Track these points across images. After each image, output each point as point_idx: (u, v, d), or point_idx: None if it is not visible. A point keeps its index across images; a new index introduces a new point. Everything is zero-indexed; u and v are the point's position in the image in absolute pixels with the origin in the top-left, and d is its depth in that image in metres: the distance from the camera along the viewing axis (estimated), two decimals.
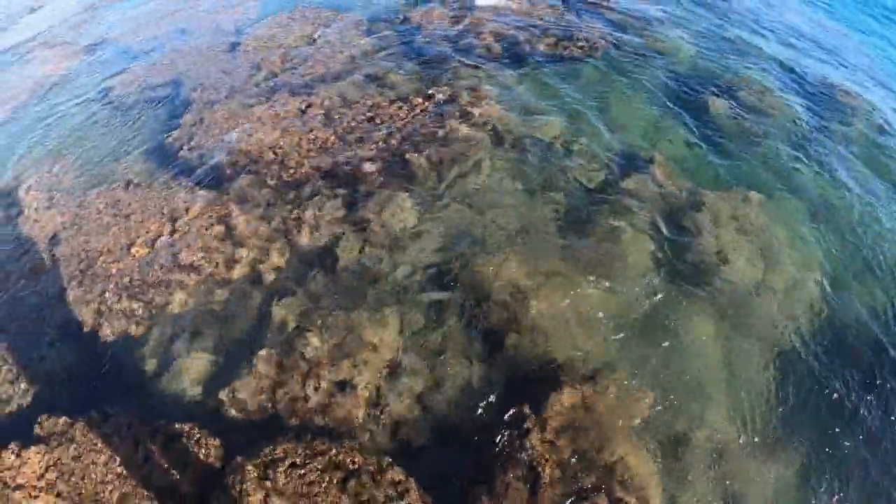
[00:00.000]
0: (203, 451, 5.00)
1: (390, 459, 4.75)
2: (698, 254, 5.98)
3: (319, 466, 4.75)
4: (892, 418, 5.03)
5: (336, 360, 5.27)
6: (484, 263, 5.74)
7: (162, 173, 7.42)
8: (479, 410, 4.93)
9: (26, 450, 5.34)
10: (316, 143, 7.25)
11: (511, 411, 4.91)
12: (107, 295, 6.11)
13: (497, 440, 4.76)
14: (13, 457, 5.31)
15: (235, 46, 10.01)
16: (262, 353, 5.40)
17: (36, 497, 5.04)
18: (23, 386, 5.84)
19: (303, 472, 4.74)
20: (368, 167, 6.79)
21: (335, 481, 4.67)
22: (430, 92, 7.84)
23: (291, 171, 6.96)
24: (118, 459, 5.08)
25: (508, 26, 9.49)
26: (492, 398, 4.97)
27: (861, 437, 4.94)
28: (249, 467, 4.77)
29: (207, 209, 6.69)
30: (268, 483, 4.69)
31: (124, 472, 5.01)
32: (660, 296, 5.58)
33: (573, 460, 4.67)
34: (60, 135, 8.70)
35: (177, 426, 5.13)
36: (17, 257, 7.00)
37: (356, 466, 4.73)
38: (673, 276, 5.74)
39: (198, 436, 5.07)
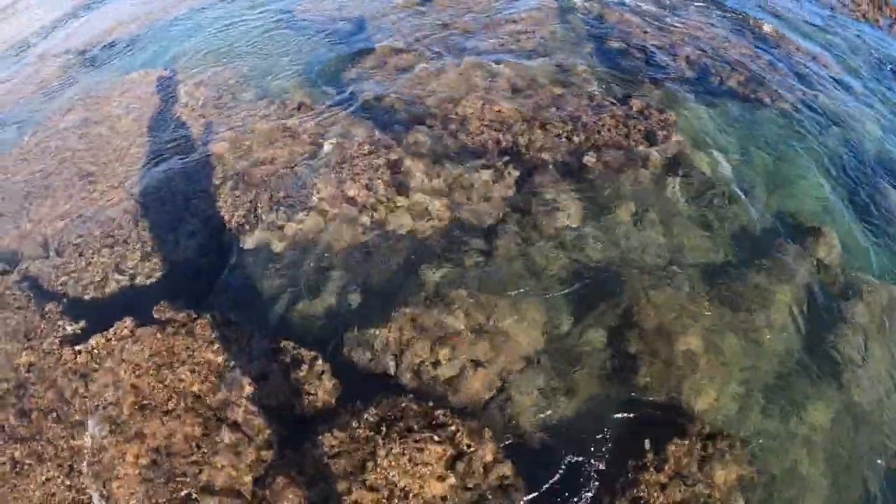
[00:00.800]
0: (321, 385, 4.84)
1: (505, 453, 4.52)
2: (840, 343, 5.55)
3: (436, 438, 4.52)
4: None
5: (474, 337, 5.05)
6: (636, 286, 5.47)
7: (336, 103, 7.40)
8: (600, 431, 4.70)
9: (142, 328, 5.28)
10: (499, 116, 7.04)
11: (631, 442, 4.67)
12: (258, 204, 6.08)
13: (610, 467, 4.54)
14: (127, 331, 5.30)
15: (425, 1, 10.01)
16: (405, 309, 5.23)
17: (139, 376, 4.97)
18: (152, 266, 5.89)
19: (417, 437, 4.52)
20: (545, 156, 6.56)
21: (446, 457, 4.45)
22: (620, 100, 7.53)
23: (469, 136, 6.79)
24: (232, 366, 4.91)
25: (703, 53, 9.13)
26: (615, 422, 4.75)
27: None
28: (368, 415, 4.59)
29: (378, 149, 6.59)
30: (378, 438, 4.50)
31: (234, 380, 4.84)
32: (791, 373, 5.25)
33: None
34: (237, 41, 8.89)
35: (301, 352, 4.99)
36: (174, 144, 7.13)
37: (470, 450, 4.49)
38: (809, 356, 5.38)
39: (321, 369, 4.90)
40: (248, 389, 4.85)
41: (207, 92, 7.96)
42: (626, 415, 4.81)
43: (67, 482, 4.77)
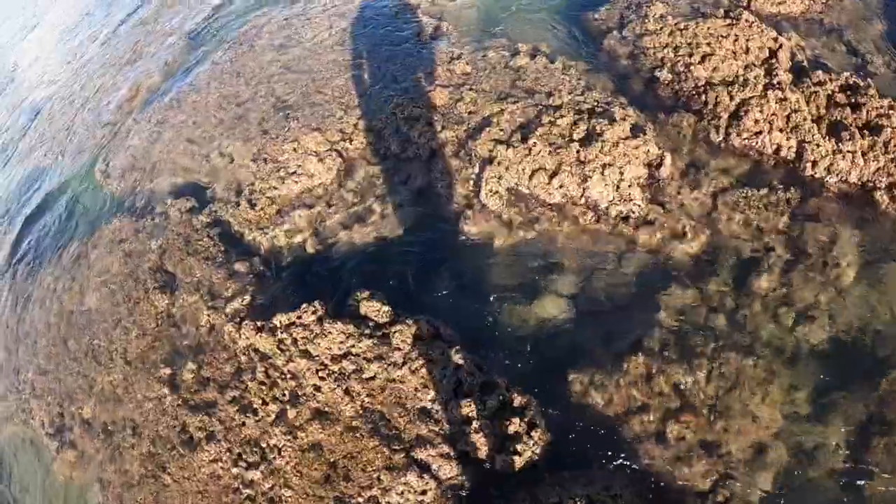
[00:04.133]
0: (530, 441, 4.41)
1: None
2: None
3: None
4: None
5: (710, 415, 4.50)
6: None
7: (579, 61, 6.71)
8: None
9: (331, 321, 5.10)
10: (782, 109, 5.88)
11: None
12: (484, 183, 5.66)
13: None
14: (314, 318, 5.10)
15: None
16: (639, 360, 4.72)
17: (322, 378, 4.88)
18: (353, 235, 5.89)
19: None
20: (830, 180, 5.56)
21: None
22: None
23: (743, 135, 5.82)
24: (431, 397, 4.62)
25: None
26: None
27: None
28: (575, 494, 4.13)
29: (636, 135, 5.80)
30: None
31: (431, 413, 4.55)
32: None
33: None
34: None
35: (514, 396, 4.56)
36: (383, 81, 7.06)
37: None
38: None
39: (533, 421, 4.48)
40: (447, 427, 4.50)
41: (430, 21, 7.45)
42: None
43: (234, 470, 4.79)
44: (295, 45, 8.03)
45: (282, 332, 5.14)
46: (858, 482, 4.23)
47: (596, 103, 6.05)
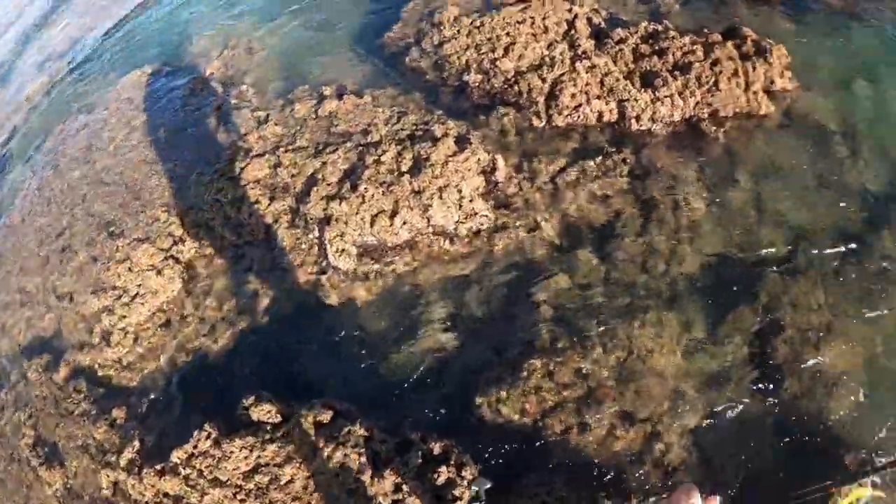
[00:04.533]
0: (465, 482, 4.31)
1: None
2: None
3: None
4: None
5: (619, 384, 4.63)
6: (769, 279, 4.95)
7: (387, 88, 6.77)
8: (748, 462, 4.26)
9: (227, 440, 4.87)
10: (595, 76, 6.15)
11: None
12: (328, 245, 5.52)
13: None
14: (209, 442, 4.91)
15: None
16: (536, 362, 4.75)
17: (242, 500, 4.63)
18: (220, 342, 5.63)
19: None
20: (657, 128, 5.88)
21: None
22: (730, 32, 6.50)
23: (564, 112, 6.02)
24: (352, 481, 4.46)
25: None
26: (766, 458, 4.26)
27: None
28: None
29: (463, 147, 5.82)
30: None
31: (358, 487, 4.42)
32: None
33: None
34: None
35: (432, 446, 4.48)
36: (199, 168, 6.74)
37: None
38: None
39: (460, 461, 4.42)
40: (381, 501, 4.36)
41: (228, 89, 7.23)
42: (773, 438, 4.34)
43: None
44: (100, 153, 7.60)
45: (184, 468, 4.85)
46: (771, 384, 4.50)
47: (414, 127, 6.03)
